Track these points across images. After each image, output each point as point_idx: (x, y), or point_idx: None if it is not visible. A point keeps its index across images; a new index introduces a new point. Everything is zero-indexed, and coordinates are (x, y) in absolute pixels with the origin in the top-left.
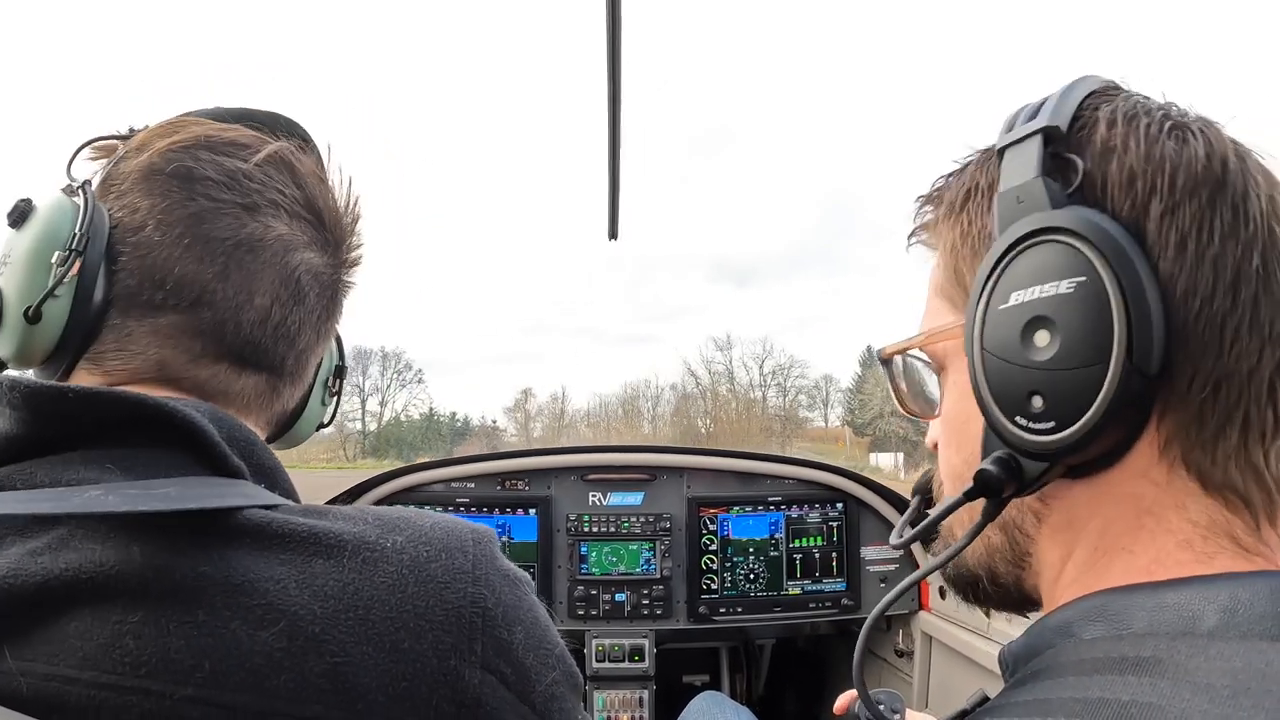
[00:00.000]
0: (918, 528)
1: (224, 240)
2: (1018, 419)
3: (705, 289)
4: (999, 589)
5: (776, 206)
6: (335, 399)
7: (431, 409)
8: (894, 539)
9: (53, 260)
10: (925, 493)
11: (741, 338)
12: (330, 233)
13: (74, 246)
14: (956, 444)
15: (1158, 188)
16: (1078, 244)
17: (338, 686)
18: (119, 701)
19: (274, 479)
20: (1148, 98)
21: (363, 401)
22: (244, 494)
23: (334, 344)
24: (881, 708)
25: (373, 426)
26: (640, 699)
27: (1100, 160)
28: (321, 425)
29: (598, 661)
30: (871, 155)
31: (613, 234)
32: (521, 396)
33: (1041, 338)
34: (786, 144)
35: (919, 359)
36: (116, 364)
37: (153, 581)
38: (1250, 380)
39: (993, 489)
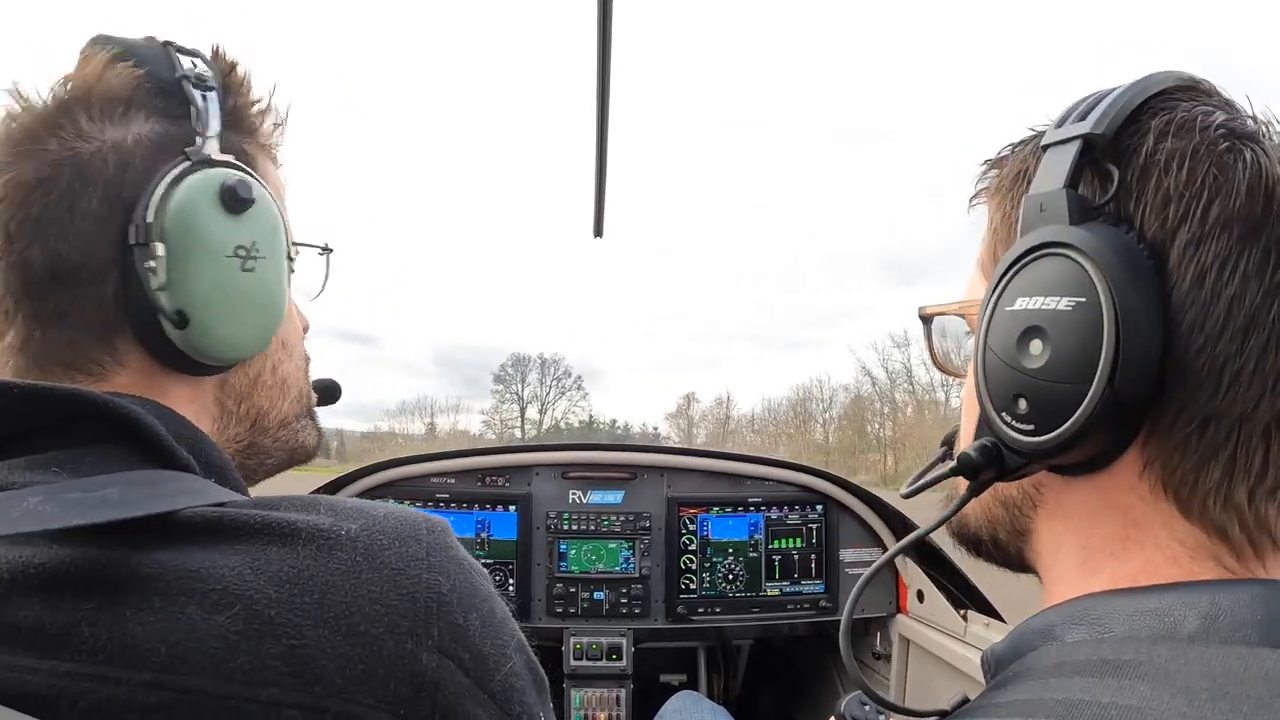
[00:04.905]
0: (914, 484)
1: None
2: (1004, 414)
3: (874, 290)
4: (1001, 551)
5: (937, 201)
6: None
7: (591, 416)
8: (904, 490)
9: None
10: (951, 444)
11: (918, 335)
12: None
13: None
14: (968, 409)
15: (1189, 216)
16: (1085, 265)
17: (295, 669)
18: (76, 689)
19: (224, 476)
20: (1215, 107)
21: (521, 410)
22: (190, 490)
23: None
24: (868, 708)
25: (532, 433)
26: (618, 698)
27: (1140, 174)
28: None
29: (575, 660)
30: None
31: (598, 231)
32: (684, 402)
33: (1035, 346)
34: (941, 135)
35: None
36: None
37: (108, 570)
38: (1242, 424)
39: (971, 471)
